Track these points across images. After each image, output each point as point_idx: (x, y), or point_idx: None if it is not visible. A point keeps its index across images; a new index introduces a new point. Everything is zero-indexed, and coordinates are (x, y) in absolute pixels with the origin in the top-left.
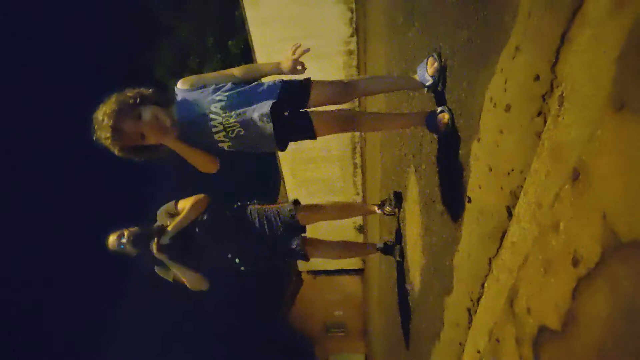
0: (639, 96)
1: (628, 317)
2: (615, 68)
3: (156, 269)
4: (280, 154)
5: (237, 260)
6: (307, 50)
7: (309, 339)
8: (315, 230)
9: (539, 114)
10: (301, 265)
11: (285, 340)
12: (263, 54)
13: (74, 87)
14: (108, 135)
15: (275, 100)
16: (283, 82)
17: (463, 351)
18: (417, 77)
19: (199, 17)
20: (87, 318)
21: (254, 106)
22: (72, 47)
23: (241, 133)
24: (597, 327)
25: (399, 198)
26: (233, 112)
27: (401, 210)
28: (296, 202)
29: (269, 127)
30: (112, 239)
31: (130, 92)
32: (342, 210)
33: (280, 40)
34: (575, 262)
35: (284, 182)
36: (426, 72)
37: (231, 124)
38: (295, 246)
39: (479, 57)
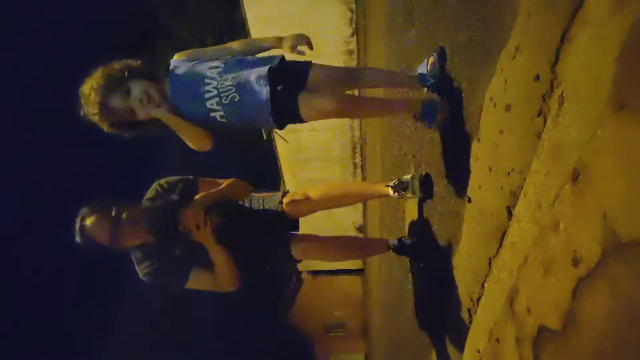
0: (639, 96)
1: (628, 317)
2: (615, 68)
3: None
4: (280, 153)
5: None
6: (310, 47)
7: (309, 339)
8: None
9: (539, 114)
10: (301, 265)
11: (285, 340)
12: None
13: (74, 87)
14: (96, 111)
15: (273, 66)
16: (283, 57)
17: (463, 351)
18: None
19: (199, 17)
20: (83, 317)
21: (252, 69)
22: (71, 47)
23: (235, 99)
24: (597, 327)
25: (428, 182)
26: (229, 75)
27: (432, 199)
28: (286, 194)
29: (265, 90)
30: (98, 223)
31: (117, 65)
32: (342, 194)
33: None
34: (575, 262)
35: (283, 182)
36: (426, 71)
37: (226, 88)
38: (280, 249)
39: (479, 57)
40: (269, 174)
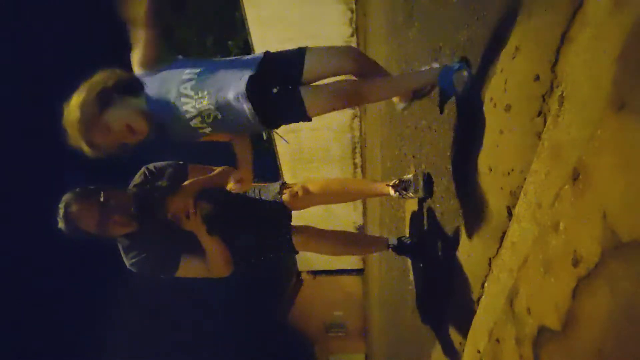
0: (639, 96)
1: (628, 317)
2: (615, 68)
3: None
4: (280, 153)
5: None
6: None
7: (309, 339)
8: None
9: (539, 114)
10: (301, 265)
11: (285, 341)
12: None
13: (74, 87)
14: (86, 149)
15: (252, 73)
16: (267, 52)
17: (463, 351)
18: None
19: (199, 17)
20: (83, 317)
21: (230, 84)
22: (71, 47)
23: (218, 117)
24: (597, 327)
25: (429, 182)
26: (205, 92)
27: (431, 199)
28: (284, 185)
29: (247, 107)
30: (85, 210)
31: (92, 91)
32: (342, 189)
33: (281, 40)
34: (575, 262)
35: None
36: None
37: (205, 108)
38: (282, 239)
39: (479, 57)
40: (269, 174)
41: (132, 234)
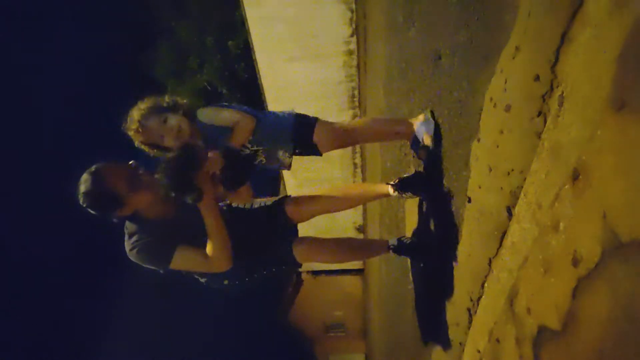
0: (639, 96)
1: (628, 317)
2: (615, 68)
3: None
4: None
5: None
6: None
7: (309, 339)
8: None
9: (539, 114)
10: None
11: (285, 341)
12: (263, 54)
13: (74, 87)
14: (134, 127)
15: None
16: (294, 126)
17: (463, 351)
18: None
19: (199, 17)
20: (84, 317)
21: (280, 148)
22: (72, 47)
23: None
24: (597, 327)
25: (428, 182)
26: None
27: (431, 199)
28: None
29: (287, 162)
30: (116, 167)
31: (167, 98)
32: (343, 197)
33: (281, 40)
34: (575, 262)
35: (283, 182)
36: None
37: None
38: (282, 251)
39: (479, 57)
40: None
41: (140, 219)
